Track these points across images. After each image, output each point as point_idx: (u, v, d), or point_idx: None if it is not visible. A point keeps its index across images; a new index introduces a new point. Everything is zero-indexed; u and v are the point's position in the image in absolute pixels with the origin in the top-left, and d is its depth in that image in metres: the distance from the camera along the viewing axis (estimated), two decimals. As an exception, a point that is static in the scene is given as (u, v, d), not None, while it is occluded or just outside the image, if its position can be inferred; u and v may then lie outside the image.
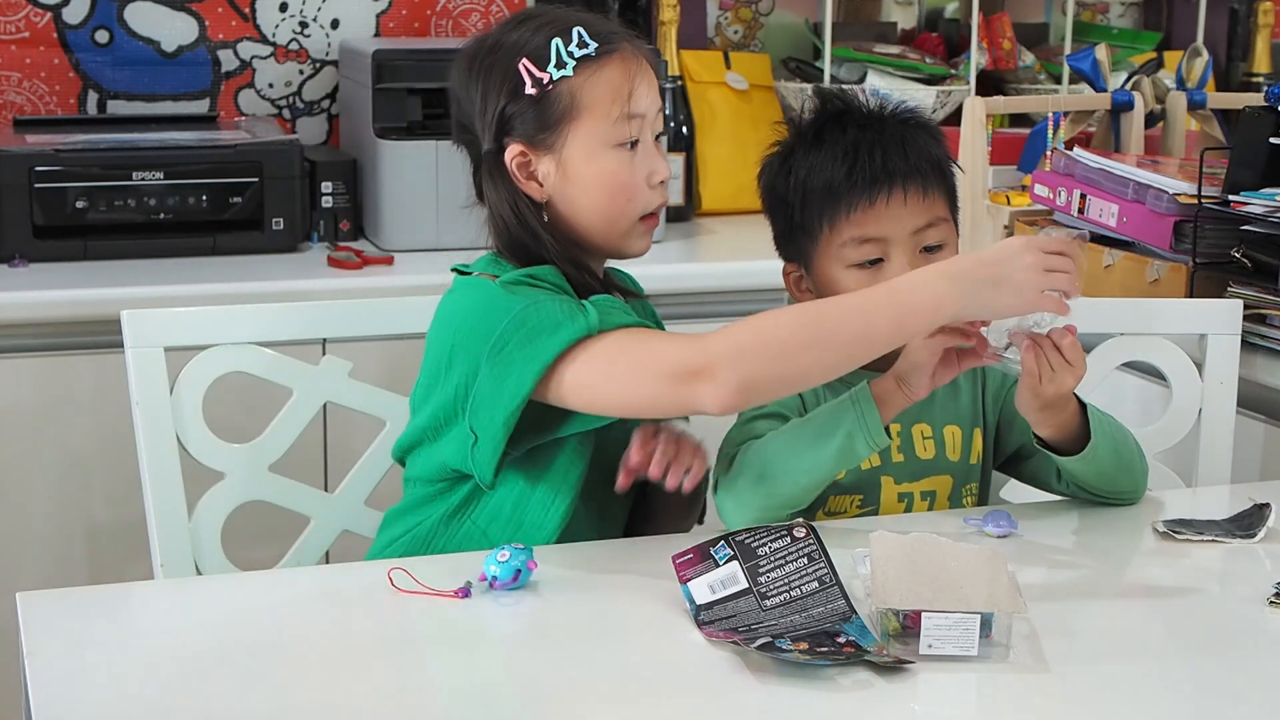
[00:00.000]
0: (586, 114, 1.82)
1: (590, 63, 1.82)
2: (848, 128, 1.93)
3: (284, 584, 1.76)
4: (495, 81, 1.84)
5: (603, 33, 1.85)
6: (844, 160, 1.90)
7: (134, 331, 1.96)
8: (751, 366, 1.68)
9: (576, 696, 1.46)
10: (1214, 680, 1.52)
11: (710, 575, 1.60)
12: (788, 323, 1.71)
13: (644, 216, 1.87)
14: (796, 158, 1.95)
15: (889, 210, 1.89)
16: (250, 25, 3.21)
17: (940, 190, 1.92)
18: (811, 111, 2.00)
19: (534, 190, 1.85)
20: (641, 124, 1.85)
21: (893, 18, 3.64)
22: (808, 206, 1.93)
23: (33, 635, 1.55)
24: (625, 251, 1.89)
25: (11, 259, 2.75)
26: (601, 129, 1.83)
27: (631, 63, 1.85)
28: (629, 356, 1.73)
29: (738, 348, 1.68)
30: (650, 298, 2.82)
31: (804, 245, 1.95)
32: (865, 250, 1.90)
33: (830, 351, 1.69)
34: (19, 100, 3.12)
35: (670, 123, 3.19)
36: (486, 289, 1.81)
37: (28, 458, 2.63)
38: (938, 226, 1.91)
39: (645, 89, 1.85)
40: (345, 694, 1.45)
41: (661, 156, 1.88)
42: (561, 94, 1.82)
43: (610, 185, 1.84)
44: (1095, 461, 1.85)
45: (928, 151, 1.92)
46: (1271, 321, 2.34)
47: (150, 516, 1.95)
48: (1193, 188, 2.45)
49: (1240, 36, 3.71)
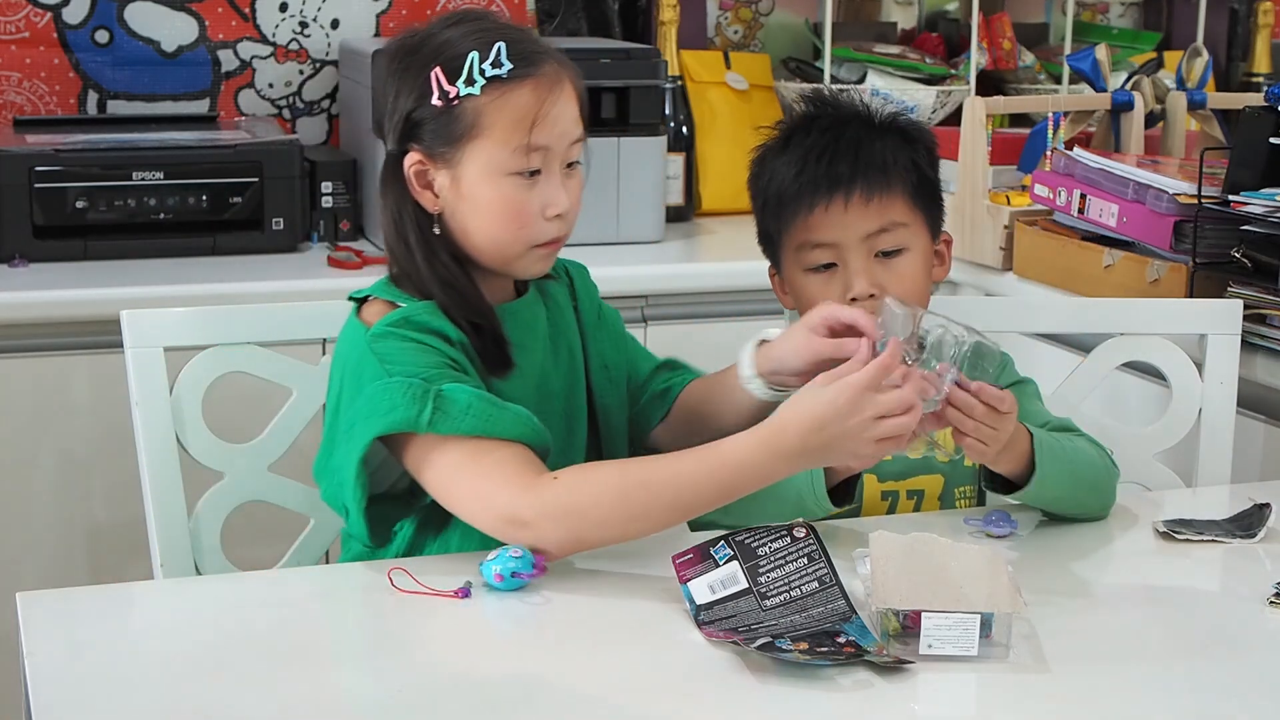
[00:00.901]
0: (487, 137, 1.75)
1: (500, 84, 1.75)
2: (812, 132, 1.93)
3: (284, 584, 1.76)
4: (408, 84, 1.78)
5: (525, 53, 1.77)
6: (795, 165, 1.91)
7: (134, 331, 1.95)
8: (575, 532, 1.66)
9: (576, 696, 1.46)
10: (1214, 680, 1.52)
11: (710, 575, 1.60)
12: (613, 492, 1.66)
13: (539, 244, 1.80)
14: (767, 160, 1.96)
15: (833, 216, 1.89)
16: (250, 25, 3.21)
17: (898, 194, 1.90)
18: (793, 116, 2.00)
19: (428, 200, 1.80)
20: (546, 156, 1.77)
21: (893, 18, 3.64)
22: (767, 211, 1.95)
23: (33, 635, 1.55)
24: (517, 273, 1.83)
25: (11, 259, 2.75)
26: (500, 155, 1.76)
27: (545, 91, 1.76)
28: (467, 484, 1.70)
29: (564, 511, 1.66)
30: (650, 298, 2.85)
31: (772, 248, 1.98)
32: (817, 255, 1.91)
33: (653, 522, 1.68)
34: (19, 100, 3.12)
35: (670, 123, 3.19)
36: (356, 347, 1.76)
37: (27, 458, 2.63)
38: (893, 231, 1.90)
39: (554, 120, 1.77)
40: (345, 694, 1.45)
41: (565, 189, 1.79)
42: (466, 111, 1.75)
43: (502, 212, 1.77)
44: (1045, 491, 1.82)
45: (881, 156, 1.90)
46: (1271, 321, 2.34)
47: (150, 516, 1.95)
48: (1193, 188, 2.45)
49: (1240, 36, 3.71)
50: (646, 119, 3.02)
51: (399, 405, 1.69)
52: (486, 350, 1.78)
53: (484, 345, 1.77)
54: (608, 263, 2.83)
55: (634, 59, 3.02)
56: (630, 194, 2.99)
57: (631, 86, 3.00)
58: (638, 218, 3.00)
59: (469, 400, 1.69)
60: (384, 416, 1.69)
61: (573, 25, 3.39)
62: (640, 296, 2.84)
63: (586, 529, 1.66)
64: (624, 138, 2.98)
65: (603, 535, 1.67)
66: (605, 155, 2.96)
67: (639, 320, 2.83)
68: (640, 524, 1.67)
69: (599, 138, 2.97)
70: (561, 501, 1.66)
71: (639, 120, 3.01)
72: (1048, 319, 2.32)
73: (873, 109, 1.96)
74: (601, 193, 2.96)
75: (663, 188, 3.05)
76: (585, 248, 2.86)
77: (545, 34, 3.37)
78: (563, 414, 1.84)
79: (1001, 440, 1.75)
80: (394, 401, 1.69)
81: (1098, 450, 1.90)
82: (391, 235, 1.82)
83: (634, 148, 2.98)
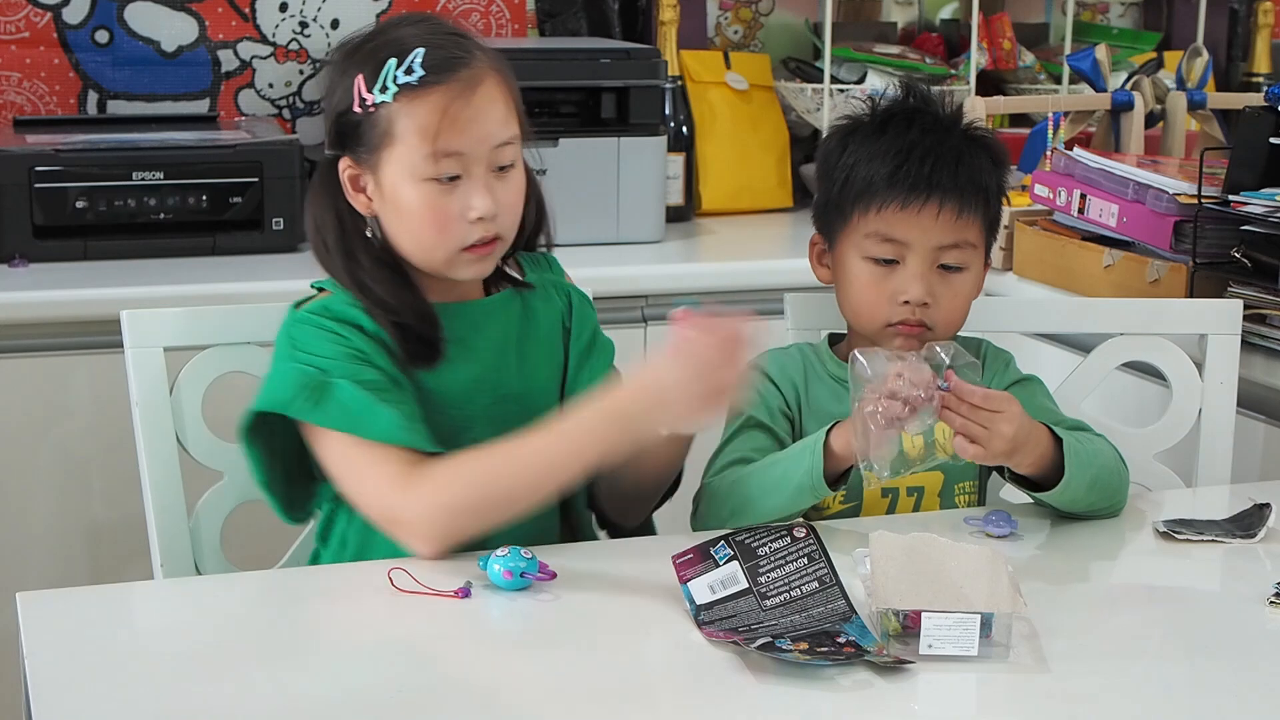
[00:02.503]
0: (400, 144, 1.77)
1: (411, 91, 1.75)
2: (913, 127, 1.94)
3: (284, 584, 1.76)
4: (340, 87, 1.81)
5: (441, 60, 1.77)
6: (894, 158, 1.92)
7: (133, 331, 1.96)
8: (446, 528, 1.71)
9: (576, 696, 1.46)
10: (1214, 680, 1.52)
11: (710, 575, 1.60)
12: (479, 481, 1.71)
13: (468, 247, 1.80)
14: (856, 139, 1.97)
15: (918, 219, 1.91)
16: (250, 25, 3.21)
17: (977, 216, 1.94)
18: (889, 99, 2.01)
19: (361, 204, 1.82)
20: (463, 161, 1.77)
21: (893, 18, 3.64)
22: (847, 188, 1.95)
23: (33, 635, 1.55)
24: (454, 276, 1.84)
25: (11, 259, 2.74)
26: (412, 161, 1.77)
27: (455, 97, 1.76)
28: (352, 480, 1.77)
29: (434, 509, 1.71)
30: (650, 298, 2.85)
31: (833, 222, 1.98)
32: (884, 249, 1.93)
33: (519, 504, 1.72)
34: (19, 100, 3.12)
35: (670, 123, 3.19)
36: (280, 329, 1.83)
37: (28, 458, 2.63)
38: (963, 249, 1.93)
39: (468, 125, 1.76)
40: (345, 694, 1.45)
41: (493, 191, 1.79)
42: (380, 119, 1.77)
43: (419, 217, 1.78)
44: (1070, 493, 1.83)
45: (979, 176, 1.94)
46: (1271, 321, 2.34)
47: (150, 516, 1.95)
48: (1193, 188, 2.45)
49: (1240, 36, 3.71)
50: (646, 119, 3.02)
51: (282, 388, 1.76)
52: (408, 344, 1.80)
53: (404, 339, 1.80)
54: (608, 263, 2.84)
55: (634, 59, 3.02)
56: (630, 194, 2.99)
57: (631, 86, 3.00)
58: (638, 218, 3.00)
59: (350, 397, 1.74)
60: (267, 395, 1.77)
61: (573, 25, 3.39)
62: (640, 296, 2.83)
63: (462, 522, 1.71)
64: (624, 138, 2.98)
65: (478, 524, 1.71)
66: (605, 155, 2.96)
67: (639, 320, 2.83)
68: (509, 507, 1.72)
69: (599, 138, 3.00)
70: (436, 500, 1.71)
71: (639, 120, 3.01)
72: (1048, 319, 2.32)
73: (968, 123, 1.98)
74: (601, 193, 2.96)
75: (663, 188, 3.05)
76: (585, 248, 2.88)
77: (545, 34, 3.37)
78: (520, 418, 1.82)
79: (1001, 441, 1.76)
80: (282, 383, 1.76)
81: (1114, 451, 1.91)
82: (313, 236, 1.86)
83: (634, 148, 2.98)
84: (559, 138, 2.94)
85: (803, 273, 2.10)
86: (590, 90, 3.04)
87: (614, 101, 3.01)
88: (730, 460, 1.92)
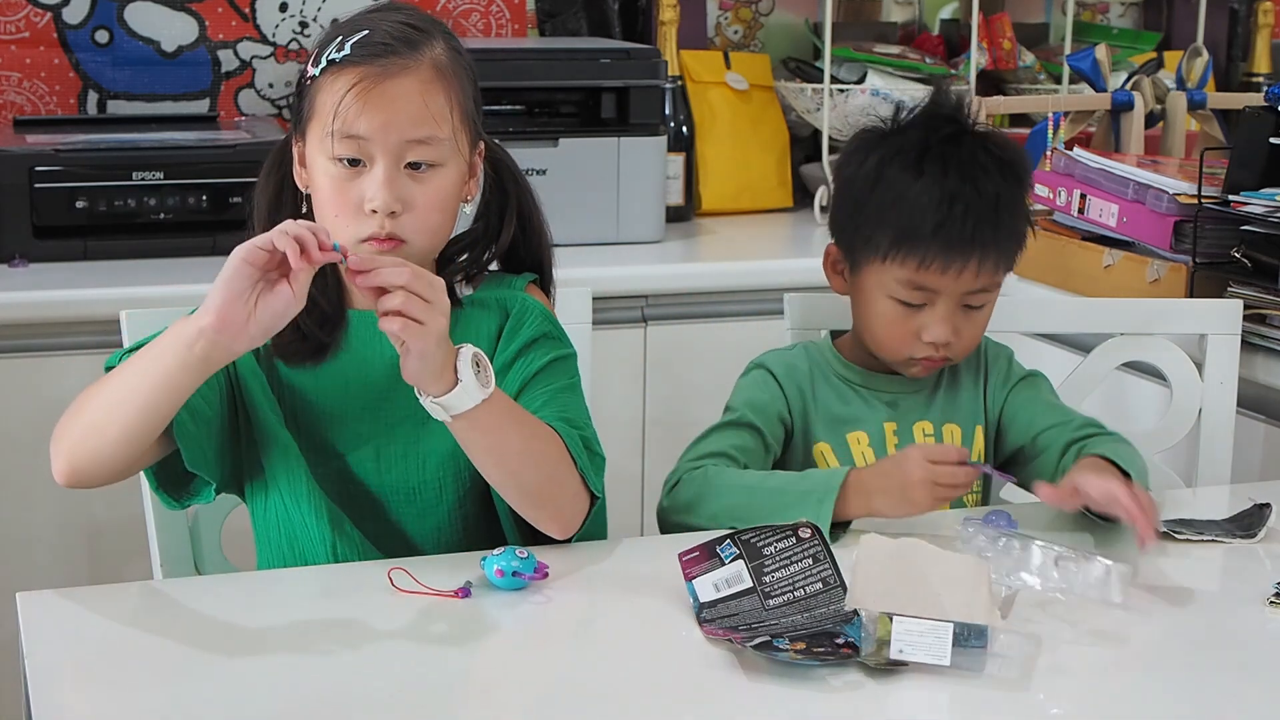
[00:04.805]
0: (315, 119, 1.74)
1: (334, 68, 1.72)
2: (949, 169, 1.89)
3: (284, 584, 1.76)
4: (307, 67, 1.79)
5: (375, 44, 1.72)
6: (935, 211, 1.88)
7: (134, 331, 1.95)
8: (53, 449, 1.71)
9: (576, 696, 1.46)
10: (1214, 680, 1.52)
11: (716, 573, 1.60)
12: (73, 409, 1.72)
13: (365, 239, 1.73)
14: (891, 169, 1.91)
15: (956, 274, 1.89)
16: (250, 25, 3.21)
17: (1011, 262, 1.94)
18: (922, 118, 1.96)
19: (301, 180, 1.80)
20: (362, 146, 1.71)
21: (893, 18, 3.64)
22: (882, 227, 1.91)
23: (33, 635, 1.55)
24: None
25: (11, 259, 2.74)
26: (319, 138, 1.73)
27: (372, 80, 1.70)
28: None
29: (58, 434, 1.71)
30: (650, 298, 2.85)
31: (858, 248, 1.95)
32: (915, 295, 1.91)
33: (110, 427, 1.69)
34: (19, 100, 3.12)
35: (670, 123, 3.19)
36: None
37: (28, 458, 2.63)
38: (989, 291, 1.93)
39: (376, 111, 1.70)
40: (345, 694, 1.45)
41: (396, 187, 1.71)
42: (308, 91, 1.76)
43: (324, 198, 1.75)
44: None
45: (1018, 224, 1.93)
46: (1271, 321, 2.34)
47: (150, 516, 1.95)
48: (1193, 188, 2.45)
49: (1240, 36, 3.71)
50: (646, 119, 3.02)
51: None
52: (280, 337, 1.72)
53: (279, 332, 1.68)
54: (608, 263, 2.84)
55: (634, 59, 3.02)
56: (630, 194, 2.99)
57: (631, 86, 3.00)
58: (638, 218, 3.00)
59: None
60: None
61: (573, 25, 3.39)
62: (640, 296, 2.83)
63: (62, 446, 1.70)
64: (624, 138, 2.98)
65: (79, 447, 1.70)
66: (605, 155, 2.96)
67: (639, 320, 2.83)
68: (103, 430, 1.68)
69: (599, 138, 3.00)
70: (60, 426, 1.71)
71: (639, 120, 3.00)
72: (1048, 319, 2.32)
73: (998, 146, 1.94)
74: (601, 193, 2.96)
75: (663, 188, 3.05)
76: (585, 248, 2.88)
77: (545, 34, 3.37)
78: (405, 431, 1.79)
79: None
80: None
81: (1140, 454, 1.92)
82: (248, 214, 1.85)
83: (634, 148, 2.98)
84: (559, 138, 2.94)
85: (803, 273, 2.10)
86: (590, 90, 3.04)
87: (614, 101, 3.01)
88: (709, 452, 1.90)
